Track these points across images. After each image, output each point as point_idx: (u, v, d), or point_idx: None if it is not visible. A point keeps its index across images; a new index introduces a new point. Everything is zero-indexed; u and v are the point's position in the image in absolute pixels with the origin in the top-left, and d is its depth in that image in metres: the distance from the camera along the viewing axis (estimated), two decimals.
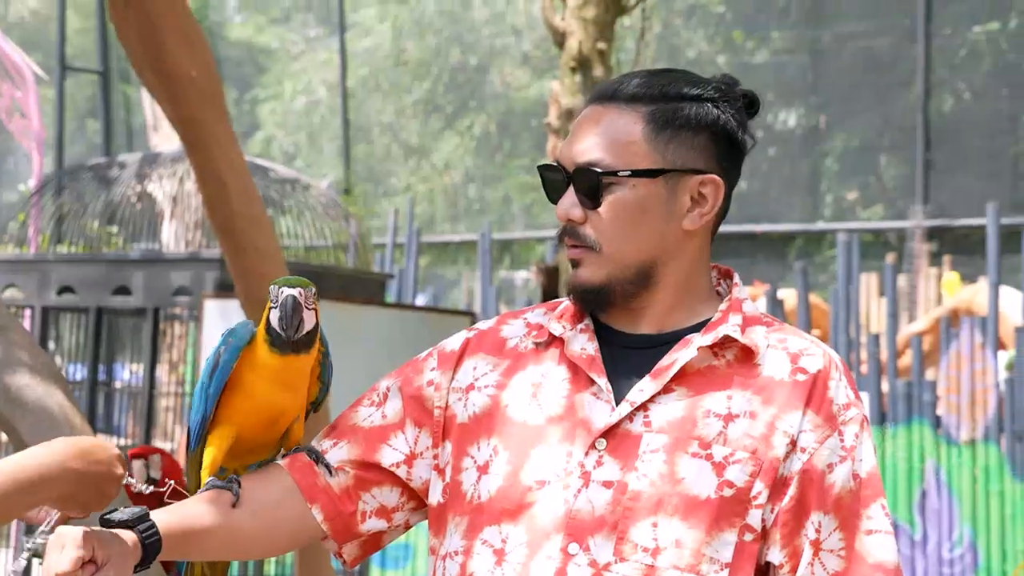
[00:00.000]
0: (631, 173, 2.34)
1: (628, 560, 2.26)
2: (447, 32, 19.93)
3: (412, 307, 9.67)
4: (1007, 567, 8.70)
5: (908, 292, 13.12)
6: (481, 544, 2.33)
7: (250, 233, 4.82)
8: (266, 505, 2.41)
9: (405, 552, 9.56)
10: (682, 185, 2.37)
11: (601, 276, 2.36)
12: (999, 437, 8.87)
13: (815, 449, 2.30)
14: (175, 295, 7.90)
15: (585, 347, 2.39)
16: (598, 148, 2.36)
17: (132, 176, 8.65)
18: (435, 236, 18.95)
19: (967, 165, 15.46)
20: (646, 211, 2.36)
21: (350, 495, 2.45)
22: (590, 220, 2.36)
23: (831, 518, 2.30)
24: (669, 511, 2.26)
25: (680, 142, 2.36)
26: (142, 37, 4.53)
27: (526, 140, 19.31)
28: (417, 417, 2.46)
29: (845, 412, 2.34)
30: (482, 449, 2.39)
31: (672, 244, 2.38)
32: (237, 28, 23.63)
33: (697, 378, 2.34)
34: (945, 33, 15.75)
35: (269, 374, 2.41)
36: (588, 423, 2.33)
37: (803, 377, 2.34)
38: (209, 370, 2.42)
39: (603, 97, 2.41)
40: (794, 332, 2.42)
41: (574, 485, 2.29)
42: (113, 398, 9.00)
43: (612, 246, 2.36)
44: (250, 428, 2.44)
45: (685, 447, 2.29)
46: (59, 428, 3.71)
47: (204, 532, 2.33)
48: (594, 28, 8.14)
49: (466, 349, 2.49)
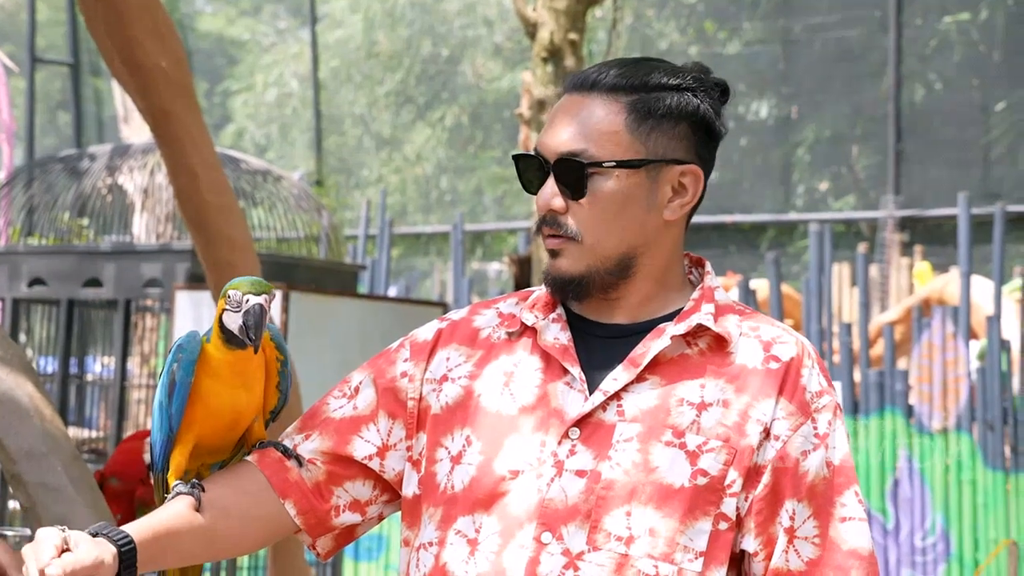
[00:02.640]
0: (616, 164, 2.33)
1: (601, 549, 2.25)
2: (419, 24, 19.90)
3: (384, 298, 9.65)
4: (979, 556, 8.73)
5: (880, 282, 13.15)
6: (455, 535, 2.32)
7: (221, 225, 4.80)
8: (239, 503, 2.40)
9: (378, 544, 9.55)
10: (663, 175, 2.36)
11: (581, 267, 2.35)
12: (971, 426, 8.90)
13: (788, 436, 2.30)
14: (146, 287, 7.88)
15: (558, 336, 2.38)
16: (581, 138, 2.34)
17: (103, 168, 8.62)
18: (407, 227, 18.93)
19: (938, 155, 15.50)
20: (629, 202, 2.35)
21: (322, 490, 2.44)
22: (571, 210, 2.35)
23: (805, 505, 2.30)
24: (643, 500, 2.26)
25: (661, 132, 2.36)
26: (111, 29, 4.50)
27: (498, 131, 19.31)
28: (391, 409, 2.45)
29: (818, 400, 2.35)
30: (455, 440, 2.38)
31: (652, 234, 2.38)
32: (208, 20, 23.58)
33: (670, 367, 2.34)
34: (916, 24, 15.79)
35: (226, 372, 2.39)
36: (561, 412, 2.32)
37: (776, 365, 2.34)
38: (166, 390, 2.39)
39: (581, 87, 2.39)
40: (766, 320, 2.42)
41: (547, 474, 2.29)
42: (85, 391, 8.98)
43: (594, 237, 2.34)
44: (211, 433, 2.42)
45: (658, 436, 2.28)
46: (28, 420, 3.70)
47: (179, 535, 2.31)
48: (566, 19, 8.14)
49: (439, 340, 2.48)
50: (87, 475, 3.78)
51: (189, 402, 2.39)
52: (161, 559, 2.32)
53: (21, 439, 3.68)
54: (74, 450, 3.79)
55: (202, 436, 2.42)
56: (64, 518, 3.50)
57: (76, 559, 2.12)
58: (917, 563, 8.88)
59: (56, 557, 2.12)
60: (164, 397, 2.40)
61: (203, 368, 2.39)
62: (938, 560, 8.79)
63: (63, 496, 3.64)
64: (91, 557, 2.14)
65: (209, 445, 2.44)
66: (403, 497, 2.44)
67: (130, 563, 2.21)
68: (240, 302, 2.36)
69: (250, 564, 7.40)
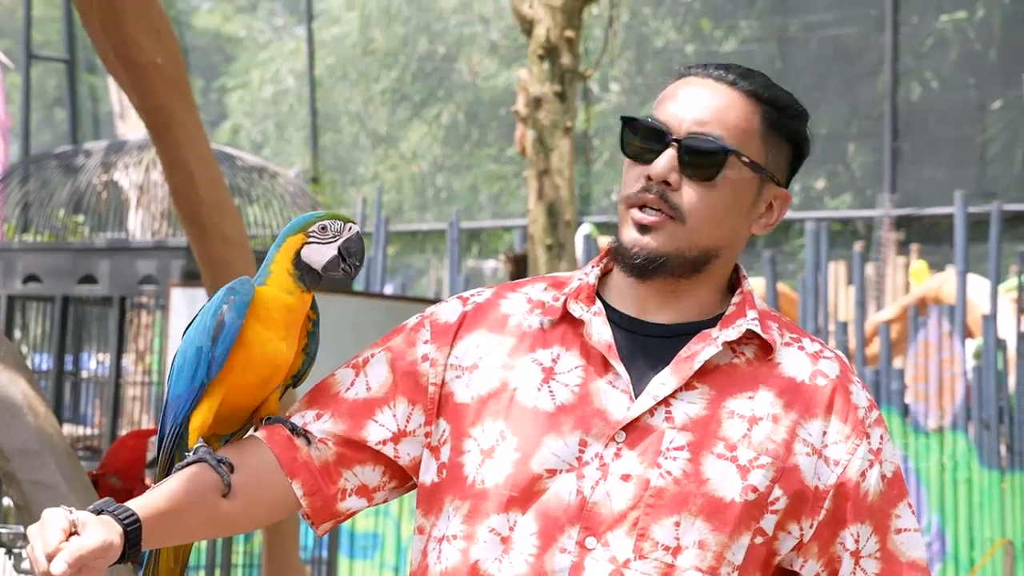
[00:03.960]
0: (749, 162, 2.33)
1: (648, 558, 2.22)
2: (415, 21, 19.89)
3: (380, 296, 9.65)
4: (975, 555, 8.73)
5: (876, 281, 13.15)
6: (488, 532, 2.28)
7: (217, 222, 4.80)
8: (246, 482, 2.34)
9: (373, 542, 9.54)
10: (767, 190, 2.37)
11: (670, 247, 2.31)
12: (967, 425, 8.91)
13: (848, 460, 2.29)
14: (141, 284, 7.87)
15: (601, 332, 2.34)
16: (717, 124, 2.32)
17: (98, 165, 8.61)
18: (403, 225, 18.92)
19: (935, 154, 15.50)
20: (738, 202, 2.34)
21: (330, 472, 2.39)
22: (684, 188, 2.32)
23: (867, 526, 2.29)
24: (693, 511, 2.23)
25: (778, 151, 2.37)
26: (107, 25, 4.49)
27: (494, 129, 19.30)
28: (410, 394, 2.39)
29: (869, 415, 2.33)
30: (487, 432, 2.33)
31: (737, 241, 2.38)
32: (204, 17, 23.57)
33: (718, 375, 2.31)
34: (912, 22, 15.79)
35: (278, 317, 2.36)
36: (604, 413, 2.28)
37: (823, 382, 2.32)
38: (210, 334, 2.33)
39: (720, 78, 2.38)
40: (802, 331, 2.42)
41: (591, 476, 2.25)
42: (80, 388, 8.96)
43: (698, 221, 2.31)
44: (242, 390, 2.37)
45: (710, 447, 2.25)
46: (22, 416, 3.69)
47: (182, 513, 2.27)
48: (562, 16, 8.12)
49: (463, 323, 2.42)
50: (81, 472, 3.77)
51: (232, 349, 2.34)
52: (164, 536, 2.29)
53: (14, 436, 3.67)
54: (68, 447, 3.78)
55: (232, 392, 2.36)
56: None
57: (83, 543, 2.09)
58: None
59: (64, 540, 2.08)
60: (206, 341, 2.33)
61: (252, 312, 2.35)
62: (934, 559, 8.79)
63: (56, 494, 3.63)
64: (99, 540, 2.10)
65: (233, 404, 2.38)
66: (420, 484, 2.39)
67: (136, 541, 2.18)
68: (339, 231, 2.36)
69: (245, 562, 7.39)
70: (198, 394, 2.35)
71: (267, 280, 2.38)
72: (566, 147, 8.06)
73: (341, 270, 2.38)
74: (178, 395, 2.37)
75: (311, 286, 2.38)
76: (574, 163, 8.16)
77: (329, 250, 2.36)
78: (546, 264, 7.95)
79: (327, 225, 2.37)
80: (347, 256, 2.37)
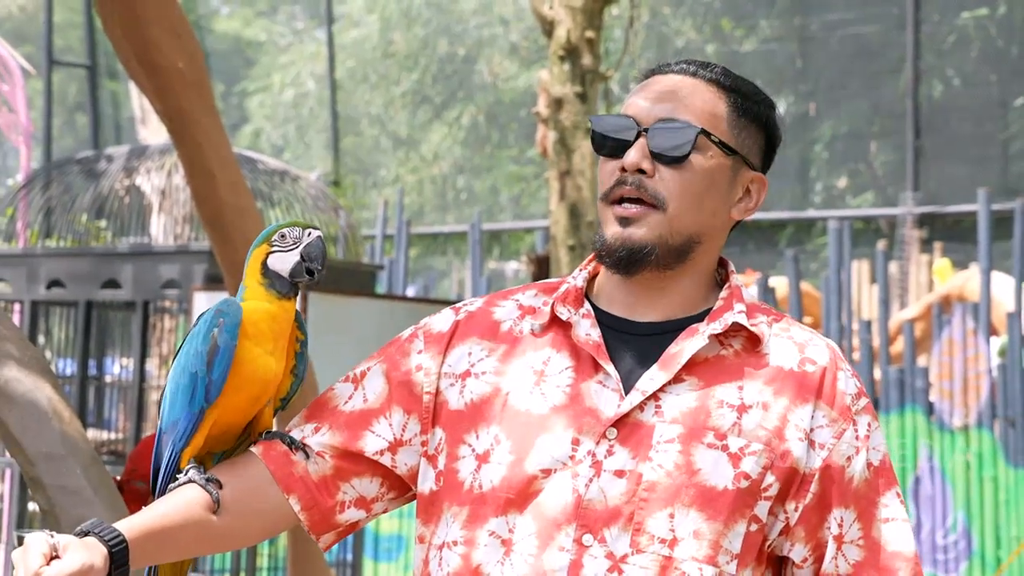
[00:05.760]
0: (719, 142, 2.36)
1: (645, 551, 2.24)
2: (435, 23, 19.90)
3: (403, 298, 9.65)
4: (1001, 553, 8.69)
5: (899, 279, 13.12)
6: (488, 535, 2.29)
7: (239, 225, 4.79)
8: (240, 499, 2.37)
9: (398, 544, 9.55)
10: (742, 174, 2.41)
11: (653, 236, 2.33)
12: (992, 423, 8.88)
13: (833, 445, 2.31)
14: (164, 288, 7.88)
15: (589, 333, 2.36)
16: (685, 110, 2.36)
17: (120, 169, 8.62)
18: (424, 227, 18.93)
19: (957, 151, 15.45)
20: (714, 185, 2.37)
21: (328, 485, 2.41)
22: (659, 175, 2.34)
23: (851, 511, 2.31)
24: (686, 502, 2.25)
25: (748, 134, 2.41)
26: (128, 30, 4.50)
27: (514, 130, 19.29)
28: (405, 403, 2.42)
29: (857, 402, 2.35)
30: (481, 438, 2.35)
31: (717, 227, 2.40)
32: (224, 21, 23.62)
33: (706, 368, 2.33)
34: (934, 19, 15.75)
35: (264, 328, 2.38)
36: (596, 412, 2.30)
37: (812, 368, 2.34)
38: (202, 357, 2.35)
39: (683, 71, 2.42)
40: (792, 321, 2.43)
41: (584, 474, 2.27)
42: (103, 392, 8.98)
43: (677, 206, 2.34)
44: (235, 408, 2.39)
45: (700, 438, 2.27)
46: (47, 422, 3.69)
47: (174, 531, 2.29)
48: (582, 17, 8.12)
49: (456, 331, 2.45)
50: (106, 477, 3.77)
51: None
52: (155, 555, 2.31)
53: (40, 442, 3.67)
54: (93, 452, 3.78)
55: (223, 413, 2.38)
56: (83, 520, 3.47)
57: (62, 567, 2.11)
58: (939, 561, 8.85)
59: (45, 565, 2.11)
60: (200, 366, 2.35)
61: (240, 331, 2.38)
62: (960, 558, 8.76)
63: (82, 499, 3.64)
64: (79, 563, 2.13)
65: (225, 424, 2.40)
66: (419, 493, 2.42)
67: (122, 562, 2.20)
68: (298, 237, 2.41)
69: (270, 565, 7.39)
70: (198, 419, 2.37)
71: (244, 295, 2.42)
72: (587, 148, 8.06)
73: (306, 275, 2.40)
74: (174, 422, 2.39)
75: (285, 292, 2.41)
76: (596, 163, 8.16)
77: (291, 256, 2.41)
78: (568, 265, 7.96)
79: (286, 233, 2.42)
80: (308, 260, 2.40)
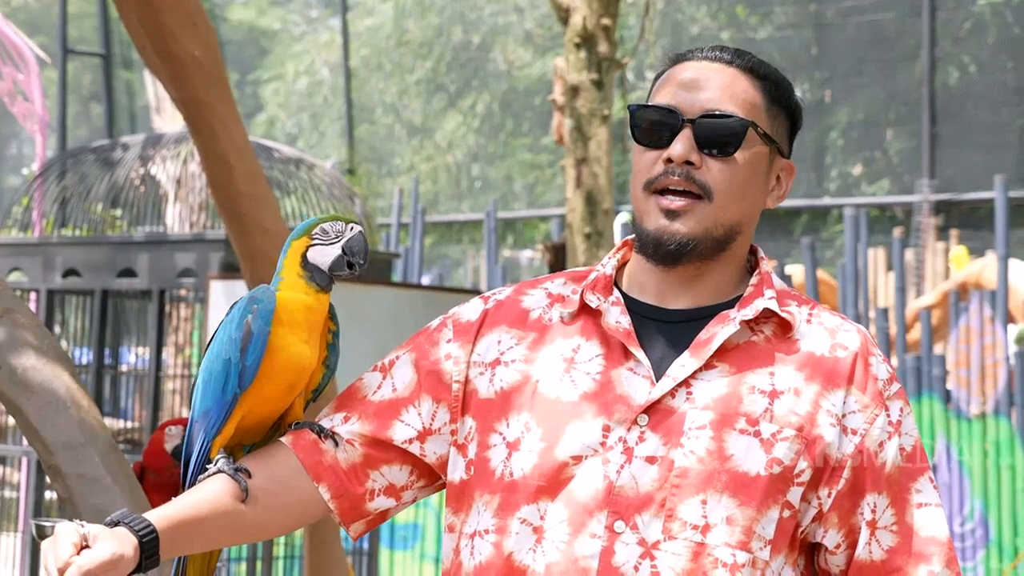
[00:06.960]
0: (763, 133, 2.37)
1: (677, 538, 2.24)
2: (449, 11, 19.88)
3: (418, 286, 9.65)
4: (1019, 541, 8.68)
5: (916, 266, 13.10)
6: (519, 523, 2.29)
7: (255, 214, 4.80)
8: (269, 488, 2.38)
9: (413, 532, 9.55)
10: (776, 162, 2.42)
11: (700, 229, 2.33)
12: (1009, 411, 8.86)
13: (866, 430, 2.30)
14: (180, 277, 7.87)
15: (619, 320, 2.36)
16: (730, 101, 2.36)
17: (135, 158, 8.62)
18: (439, 215, 18.92)
19: (973, 138, 15.40)
20: (756, 174, 2.38)
21: (358, 473, 2.41)
22: (705, 167, 2.34)
23: (884, 496, 2.30)
24: (719, 488, 2.24)
25: (779, 123, 2.42)
26: (144, 18, 4.50)
27: (529, 118, 19.26)
28: (435, 392, 2.42)
29: (889, 387, 2.35)
30: (512, 426, 2.35)
31: (754, 216, 2.41)
32: (238, 10, 23.60)
33: (737, 354, 2.33)
34: (949, 6, 15.69)
35: (300, 319, 2.39)
36: (627, 399, 2.30)
37: (843, 354, 2.33)
38: (236, 344, 2.36)
39: (718, 58, 2.41)
40: (822, 306, 2.42)
41: (615, 461, 2.27)
42: (119, 381, 8.98)
43: (725, 197, 2.34)
44: (268, 397, 2.39)
45: (732, 424, 2.27)
46: (65, 410, 3.69)
47: (203, 522, 2.30)
48: (598, 4, 8.11)
49: (485, 320, 2.45)
50: (124, 465, 3.77)
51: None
52: (185, 546, 2.31)
53: (58, 430, 3.67)
54: (111, 440, 3.78)
55: (258, 402, 2.38)
56: (102, 509, 3.49)
57: (92, 557, 2.12)
58: (956, 549, 8.83)
59: (75, 554, 2.12)
60: (235, 352, 2.36)
61: (275, 318, 2.38)
62: (977, 546, 8.74)
63: (100, 486, 3.64)
64: (109, 552, 2.13)
65: (260, 414, 2.40)
66: (448, 482, 2.42)
67: (152, 552, 2.20)
68: (341, 231, 2.42)
69: (286, 554, 7.39)
70: (231, 406, 2.37)
71: (280, 285, 2.42)
72: (603, 135, 8.05)
73: (347, 268, 2.41)
74: (207, 410, 2.40)
75: (323, 286, 2.41)
76: (612, 151, 8.15)
77: (333, 250, 2.41)
78: (585, 253, 7.94)
79: (328, 228, 2.43)
80: (350, 255, 2.41)
